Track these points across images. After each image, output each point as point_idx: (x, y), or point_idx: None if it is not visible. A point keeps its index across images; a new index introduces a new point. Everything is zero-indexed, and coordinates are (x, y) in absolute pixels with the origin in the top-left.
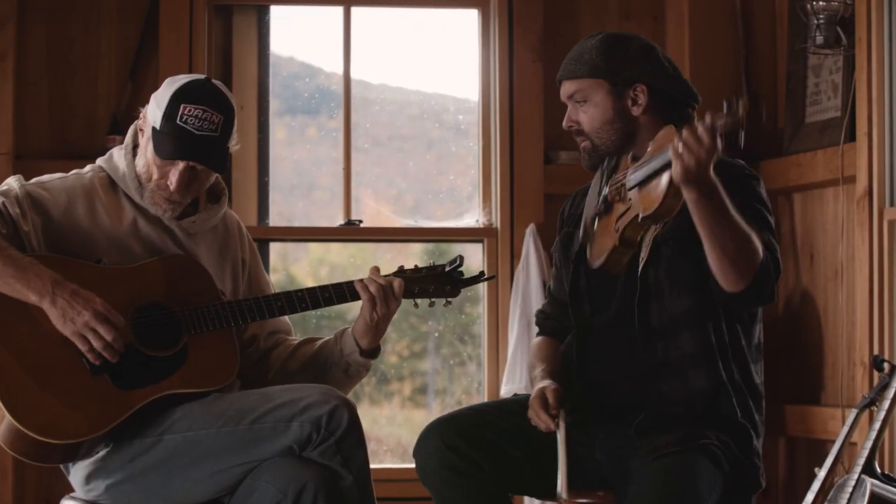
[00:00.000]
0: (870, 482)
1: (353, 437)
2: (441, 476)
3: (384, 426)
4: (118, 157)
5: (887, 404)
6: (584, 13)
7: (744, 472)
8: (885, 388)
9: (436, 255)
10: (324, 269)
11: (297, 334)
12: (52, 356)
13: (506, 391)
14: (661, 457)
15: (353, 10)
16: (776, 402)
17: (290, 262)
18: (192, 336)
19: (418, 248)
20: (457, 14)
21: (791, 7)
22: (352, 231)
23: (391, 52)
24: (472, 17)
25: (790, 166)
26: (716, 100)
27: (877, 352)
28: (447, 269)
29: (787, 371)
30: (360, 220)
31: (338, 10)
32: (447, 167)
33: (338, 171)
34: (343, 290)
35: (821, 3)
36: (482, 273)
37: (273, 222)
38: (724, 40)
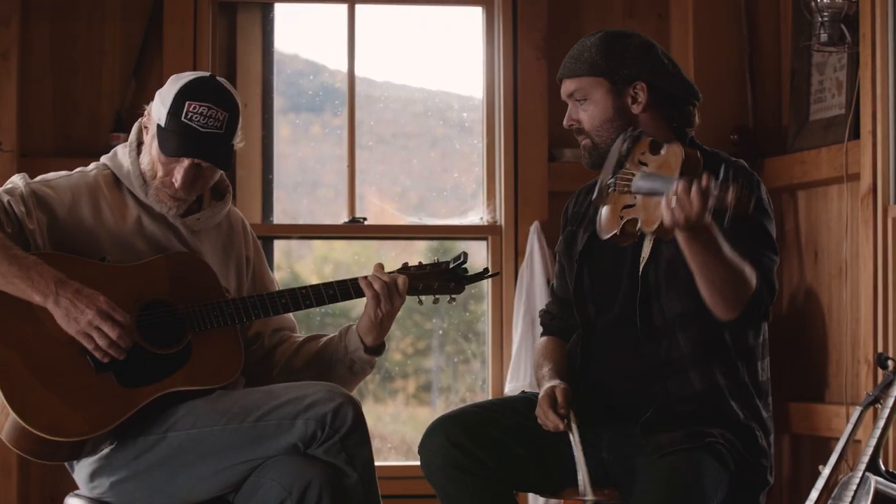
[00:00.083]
0: (874, 480)
1: (358, 435)
2: (446, 473)
3: (388, 423)
4: (122, 154)
5: (891, 402)
6: (588, 11)
7: (749, 471)
8: (889, 385)
9: (440, 252)
10: (328, 266)
11: (301, 331)
12: (57, 355)
13: (510, 389)
14: (667, 455)
15: (357, 8)
16: (780, 400)
17: (295, 260)
18: (197, 333)
19: (422, 246)
20: (461, 11)
21: (795, 4)
22: (356, 228)
23: (395, 50)
24: (476, 14)
25: (794, 164)
26: (720, 97)
27: (881, 349)
28: (451, 265)
29: (791, 368)
30: (365, 218)
31: (342, 8)
32: (451, 165)
33: (342, 168)
34: (347, 288)
35: (825, 0)
36: (486, 270)
37: (277, 220)
38: (729, 38)
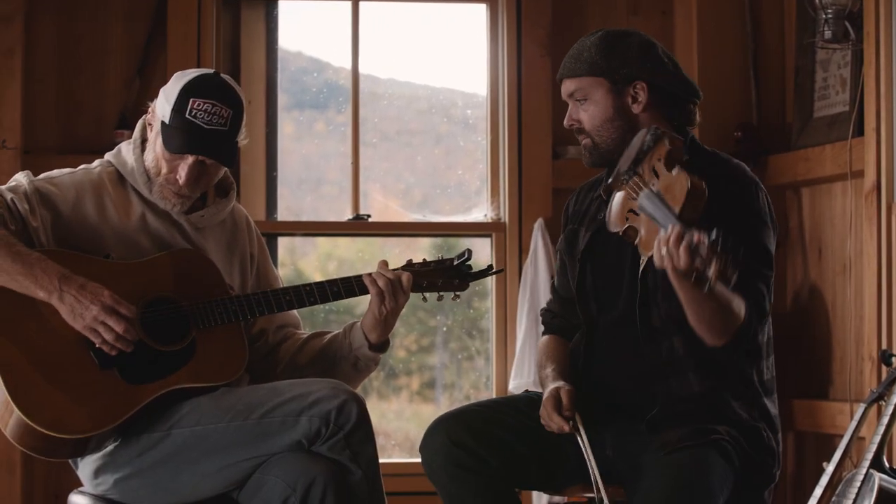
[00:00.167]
0: (878, 477)
1: (362, 432)
2: (447, 472)
3: (392, 421)
4: (126, 151)
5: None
6: (592, 8)
7: (754, 468)
8: (893, 382)
9: (444, 249)
10: (332, 263)
11: (305, 328)
12: (61, 351)
13: (514, 386)
14: (673, 452)
15: (362, 5)
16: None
17: (298, 257)
18: (201, 330)
19: (426, 243)
20: (465, 8)
21: (799, 1)
22: (360, 226)
23: (399, 47)
24: (480, 11)
25: (798, 161)
26: (724, 94)
27: (885, 346)
28: (455, 262)
29: (795, 366)
30: (369, 215)
31: (346, 5)
32: (455, 162)
33: (346, 165)
34: (352, 284)
35: None
36: (490, 266)
37: (281, 217)
38: (733, 35)
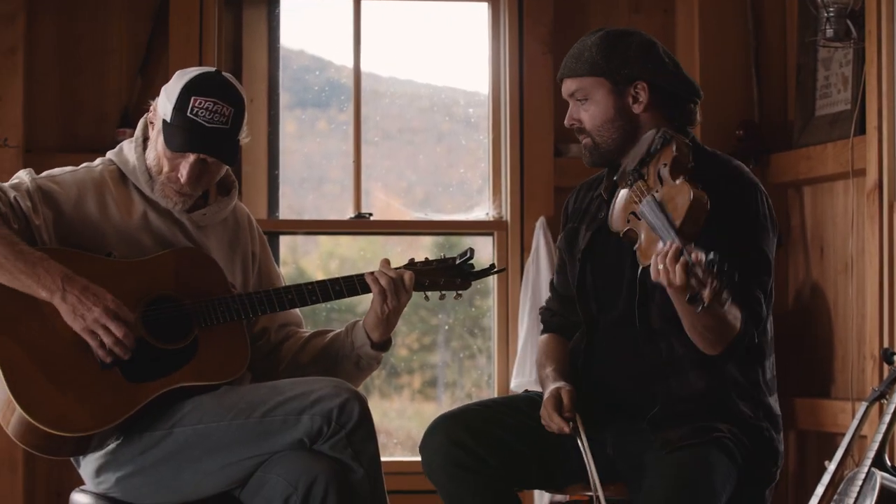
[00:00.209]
0: (880, 475)
1: (364, 430)
2: (447, 472)
3: (394, 419)
4: (128, 149)
5: None
6: (593, 6)
7: (756, 466)
8: (894, 381)
9: (446, 248)
10: (334, 262)
11: (307, 327)
12: (63, 350)
13: (515, 384)
14: (675, 450)
15: (363, 3)
16: (786, 396)
17: (300, 256)
18: (203, 329)
19: (428, 242)
20: (467, 6)
21: (801, 0)
22: (362, 224)
23: (401, 45)
24: (482, 9)
25: (800, 159)
26: (726, 92)
27: (887, 345)
28: (458, 261)
29: (797, 364)
30: (371, 214)
31: (348, 3)
32: (457, 160)
33: (348, 164)
34: (354, 283)
35: None
36: (492, 265)
37: (283, 215)
38: (735, 33)
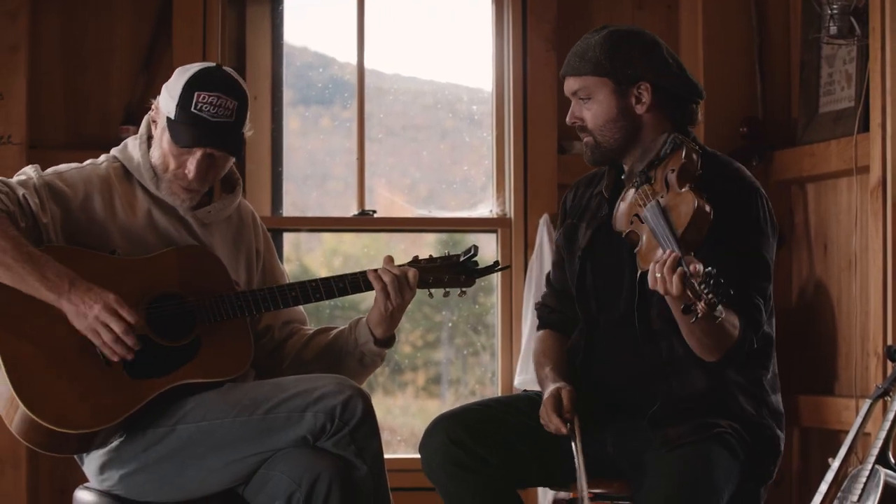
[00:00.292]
0: (884, 472)
1: (368, 427)
2: (446, 471)
3: (398, 416)
4: (133, 147)
5: None
6: (597, 2)
7: (757, 462)
8: None
9: (450, 245)
10: (337, 259)
11: (311, 324)
12: (67, 348)
13: (519, 381)
14: (675, 448)
15: (367, 0)
16: (790, 393)
17: (304, 253)
18: (206, 326)
19: (432, 239)
20: (470, 3)
21: None
22: (365, 221)
23: (405, 42)
24: (485, 6)
25: (804, 156)
26: (729, 89)
27: (890, 342)
28: (462, 258)
29: (800, 361)
30: (374, 211)
31: (351, 0)
32: (461, 157)
33: (351, 161)
34: (357, 280)
35: None
36: (497, 262)
37: (287, 212)
38: (738, 30)
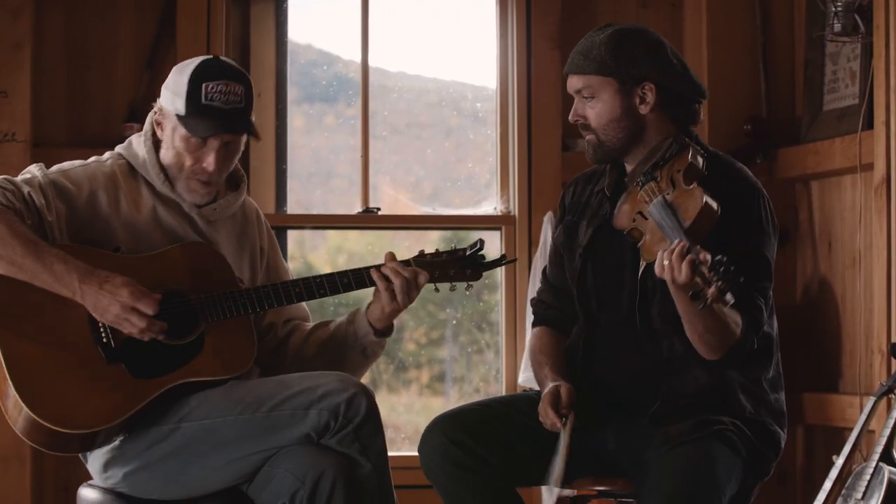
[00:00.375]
0: (888, 470)
1: (372, 425)
2: (445, 471)
3: (402, 414)
4: (137, 144)
5: None
6: (602, 0)
7: (759, 458)
8: None
9: (454, 242)
10: (341, 256)
11: (314, 321)
12: (67, 346)
13: (524, 379)
14: (677, 446)
15: None
16: (794, 391)
17: (308, 250)
18: (210, 324)
19: (436, 236)
20: (474, 1)
21: None
22: (370, 219)
23: (409, 40)
24: (489, 3)
25: (808, 154)
26: (734, 87)
27: (894, 339)
28: (468, 252)
29: (804, 359)
30: (378, 208)
31: None
32: (465, 155)
33: (356, 158)
34: (362, 276)
35: None
36: (503, 256)
37: (291, 210)
38: (742, 27)
